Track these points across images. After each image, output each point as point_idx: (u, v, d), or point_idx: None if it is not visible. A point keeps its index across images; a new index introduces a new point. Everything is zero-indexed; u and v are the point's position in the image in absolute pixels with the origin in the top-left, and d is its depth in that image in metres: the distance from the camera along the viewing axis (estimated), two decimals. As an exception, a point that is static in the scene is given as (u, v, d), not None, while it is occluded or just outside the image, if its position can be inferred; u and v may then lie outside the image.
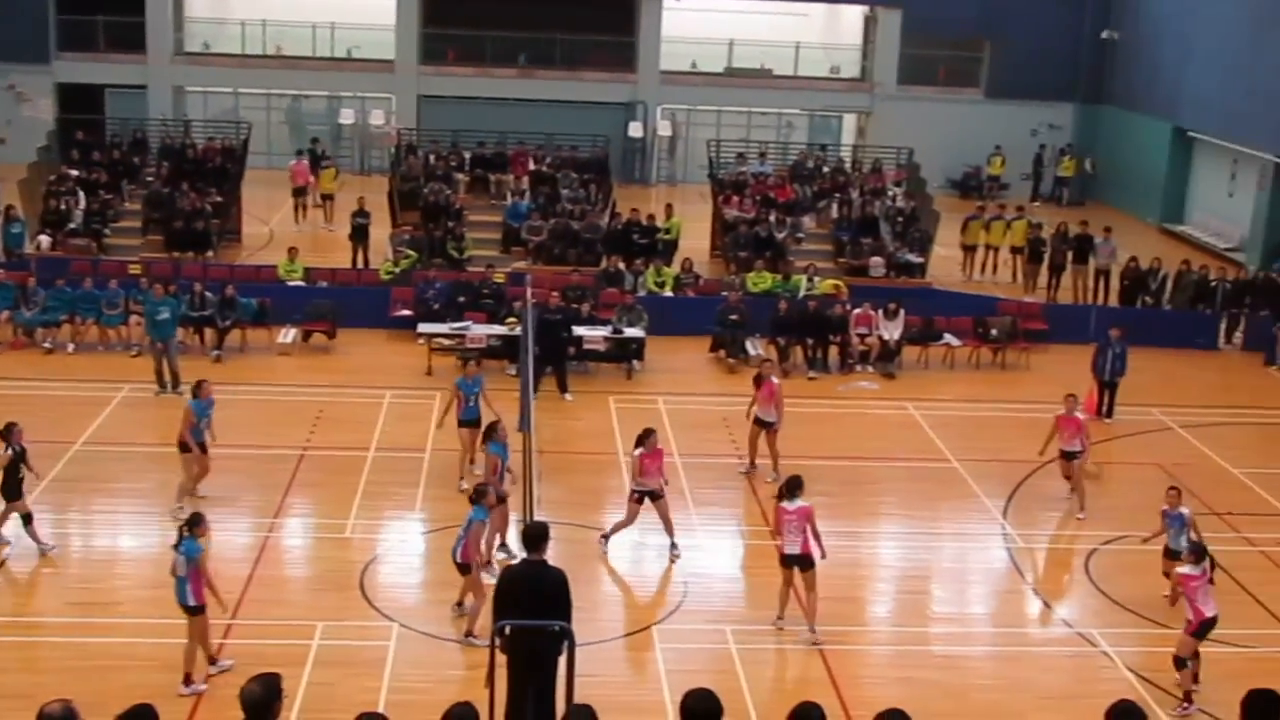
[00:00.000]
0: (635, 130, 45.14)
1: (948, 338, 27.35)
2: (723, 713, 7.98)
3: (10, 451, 16.81)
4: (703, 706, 8.02)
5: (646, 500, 17.75)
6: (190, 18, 47.50)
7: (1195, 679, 14.65)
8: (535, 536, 12.72)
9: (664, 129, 45.92)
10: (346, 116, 45.61)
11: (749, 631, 15.77)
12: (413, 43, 45.00)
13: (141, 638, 14.89)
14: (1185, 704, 14.42)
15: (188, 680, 13.93)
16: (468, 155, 36.37)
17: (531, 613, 12.17)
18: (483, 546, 15.64)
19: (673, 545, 17.84)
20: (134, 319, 25.67)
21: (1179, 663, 14.58)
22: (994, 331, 27.47)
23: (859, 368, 26.60)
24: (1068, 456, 19.75)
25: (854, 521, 19.56)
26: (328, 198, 36.77)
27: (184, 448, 18.45)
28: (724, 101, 46.45)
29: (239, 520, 18.65)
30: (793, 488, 15.75)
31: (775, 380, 20.85)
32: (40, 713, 8.14)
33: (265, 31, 46.31)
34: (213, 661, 14.28)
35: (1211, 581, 14.83)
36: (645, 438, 17.70)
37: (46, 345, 25.78)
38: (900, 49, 46.13)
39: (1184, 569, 14.70)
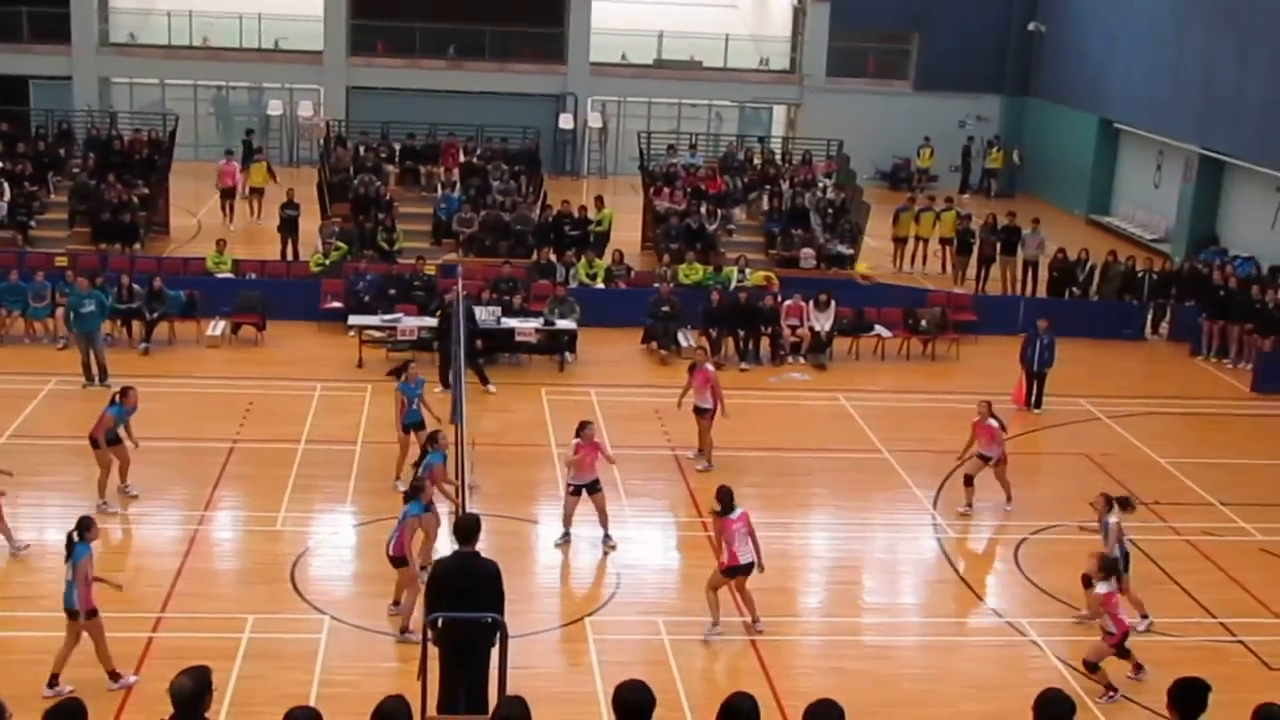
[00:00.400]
0: (566, 122, 45.06)
1: (878, 329, 27.52)
2: (655, 704, 7.99)
3: None
4: (635, 698, 8.03)
5: (583, 494, 17.73)
6: (115, 8, 46.91)
7: (1139, 668, 14.81)
8: (467, 529, 12.67)
9: (594, 121, 45.87)
10: (274, 108, 45.24)
11: (682, 623, 15.79)
12: (341, 34, 44.67)
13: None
14: (1110, 692, 14.57)
15: (114, 676, 13.75)
16: (397, 147, 36.18)
17: (464, 605, 12.14)
18: (416, 550, 15.54)
19: (606, 537, 17.84)
20: (61, 311, 25.34)
21: (1090, 666, 14.66)
22: (924, 323, 27.66)
23: (790, 359, 26.73)
24: (984, 459, 19.55)
25: (785, 512, 19.64)
26: (257, 191, 36.31)
27: (95, 444, 18.26)
28: (654, 93, 46.50)
29: (168, 513, 18.51)
30: (730, 499, 15.55)
31: (710, 368, 20.95)
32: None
33: (192, 22, 45.81)
34: (53, 681, 13.66)
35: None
36: (580, 430, 17.68)
37: (-30, 339, 25.46)
38: (829, 41, 46.32)
39: (1102, 588, 14.59)
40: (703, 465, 20.66)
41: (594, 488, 17.71)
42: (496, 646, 11.90)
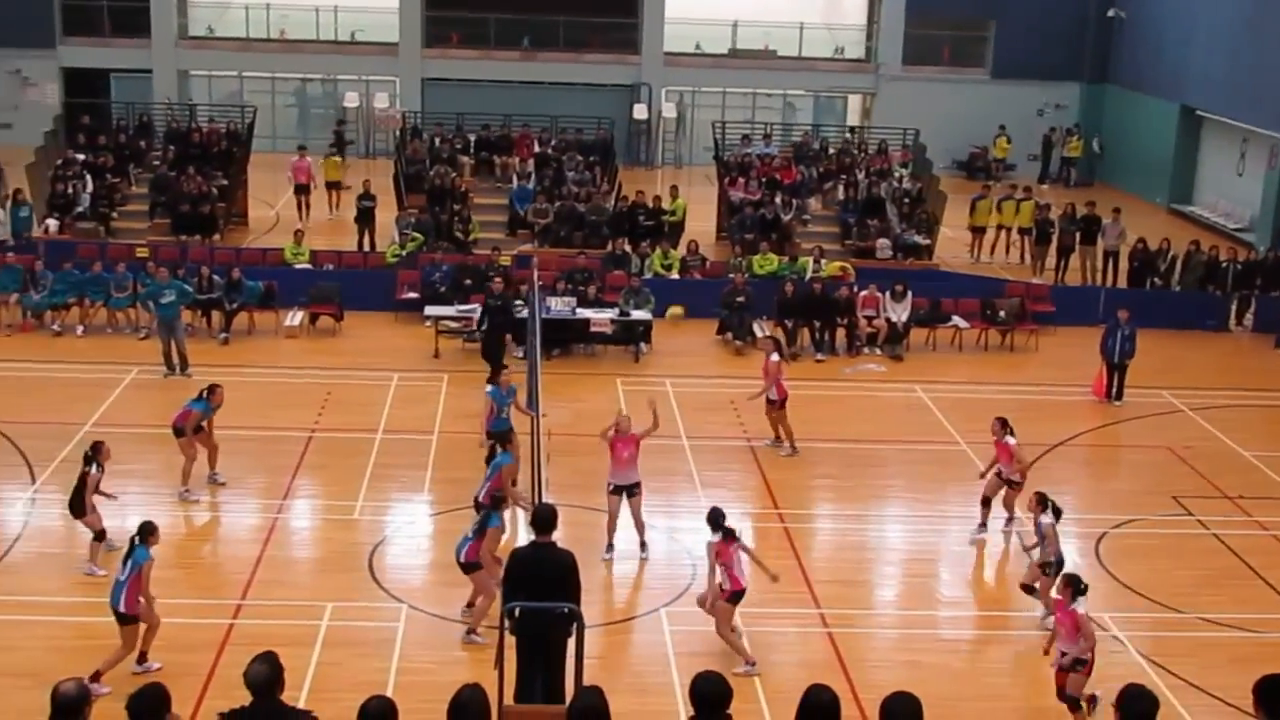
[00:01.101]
0: (640, 112, 45.06)
1: (955, 320, 27.30)
2: (732, 695, 7.97)
3: (97, 471, 16.35)
4: (712, 689, 8.01)
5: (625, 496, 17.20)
6: (194, 2, 47.42)
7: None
8: (544, 519, 12.70)
9: (668, 111, 45.82)
10: (351, 100, 45.56)
11: (757, 614, 15.71)
12: (416, 25, 44.91)
13: (150, 620, 14.88)
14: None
15: (96, 678, 13.34)
16: (472, 138, 36.26)
17: (540, 595, 12.15)
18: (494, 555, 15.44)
19: (642, 545, 17.40)
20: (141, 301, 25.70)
21: (1074, 704, 13.56)
22: (1002, 313, 27.41)
23: (866, 350, 26.56)
24: (1006, 482, 18.22)
25: (860, 504, 19.53)
26: (334, 185, 36.27)
27: (179, 432, 18.45)
28: (728, 83, 46.38)
29: (247, 502, 18.70)
30: (724, 520, 14.89)
31: (774, 358, 20.84)
32: (54, 691, 8.17)
33: (269, 15, 46.27)
34: (141, 658, 14.00)
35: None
36: (617, 422, 17.29)
37: (55, 328, 25.82)
38: (904, 29, 46.00)
39: (1079, 607, 13.43)
40: (784, 451, 20.79)
41: (633, 491, 17.16)
42: (573, 637, 11.91)
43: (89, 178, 32.22)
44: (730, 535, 14.79)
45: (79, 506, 16.32)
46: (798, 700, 7.97)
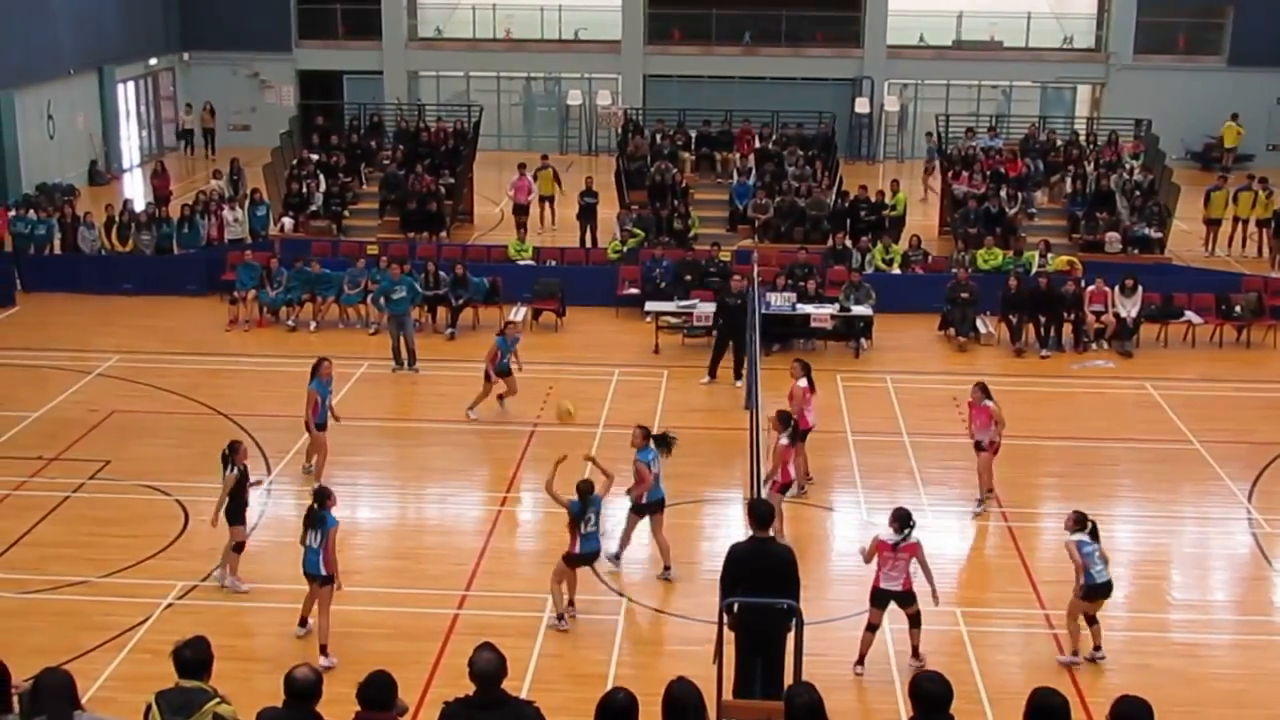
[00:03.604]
0: (862, 106, 44.70)
1: (1189, 315, 26.43)
2: (953, 696, 7.88)
3: (235, 472, 15.66)
4: (934, 688, 7.96)
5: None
6: (423, 4, 48.74)
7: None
8: (762, 514, 12.68)
9: (891, 104, 45.36)
10: (574, 98, 46.20)
11: (979, 614, 15.49)
12: (638, 22, 45.31)
13: (379, 606, 15.28)
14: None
15: (324, 651, 14.00)
16: (693, 134, 36.37)
17: (760, 589, 12.14)
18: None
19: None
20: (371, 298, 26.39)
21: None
22: (1238, 308, 26.44)
23: (1094, 346, 25.90)
24: None
25: (1088, 503, 18.89)
26: (547, 199, 35.14)
27: (319, 426, 18.73)
28: (952, 75, 45.71)
29: (471, 493, 19.08)
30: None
31: (801, 384, 18.70)
32: (289, 675, 8.45)
33: (495, 15, 47.22)
34: (302, 623, 14.59)
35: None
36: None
37: (289, 323, 26.74)
38: (1137, 16, 44.71)
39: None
40: (794, 491, 18.28)
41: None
42: (792, 632, 11.87)
43: (322, 177, 33.26)
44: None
45: (236, 514, 15.81)
46: (1022, 702, 7.83)
